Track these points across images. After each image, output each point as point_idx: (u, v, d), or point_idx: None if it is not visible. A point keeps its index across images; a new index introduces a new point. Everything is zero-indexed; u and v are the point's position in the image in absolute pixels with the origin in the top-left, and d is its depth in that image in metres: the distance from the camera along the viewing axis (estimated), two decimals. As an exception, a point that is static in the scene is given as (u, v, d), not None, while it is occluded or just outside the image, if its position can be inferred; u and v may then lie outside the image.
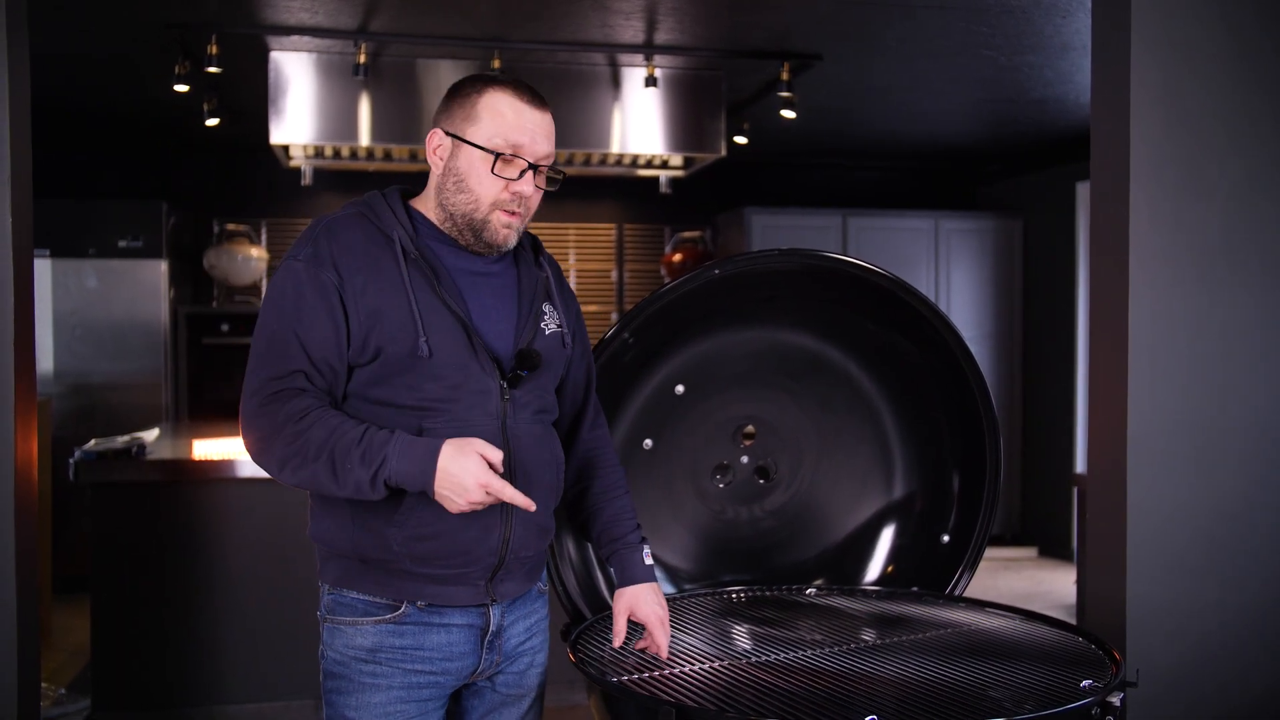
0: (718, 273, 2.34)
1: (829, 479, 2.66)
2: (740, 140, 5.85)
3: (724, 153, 5.28)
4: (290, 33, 4.50)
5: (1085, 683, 1.84)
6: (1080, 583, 4.52)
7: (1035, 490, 7.37)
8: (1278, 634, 2.65)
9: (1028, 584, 6.46)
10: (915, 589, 2.57)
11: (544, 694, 2.05)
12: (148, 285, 6.27)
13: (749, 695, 1.83)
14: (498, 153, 1.83)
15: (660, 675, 1.93)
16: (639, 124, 5.13)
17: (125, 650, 3.98)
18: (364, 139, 4.85)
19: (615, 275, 7.54)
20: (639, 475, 2.50)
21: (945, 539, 2.63)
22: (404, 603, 1.84)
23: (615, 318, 7.49)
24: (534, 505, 1.75)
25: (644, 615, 2.00)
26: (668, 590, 2.55)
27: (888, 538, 2.69)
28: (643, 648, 2.03)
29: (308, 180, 5.31)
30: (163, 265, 6.29)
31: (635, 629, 2.04)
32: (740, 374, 2.58)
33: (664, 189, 5.69)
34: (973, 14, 4.21)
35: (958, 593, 2.58)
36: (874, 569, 2.69)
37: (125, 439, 4.24)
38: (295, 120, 4.80)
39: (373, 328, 1.79)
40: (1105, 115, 2.61)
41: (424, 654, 1.85)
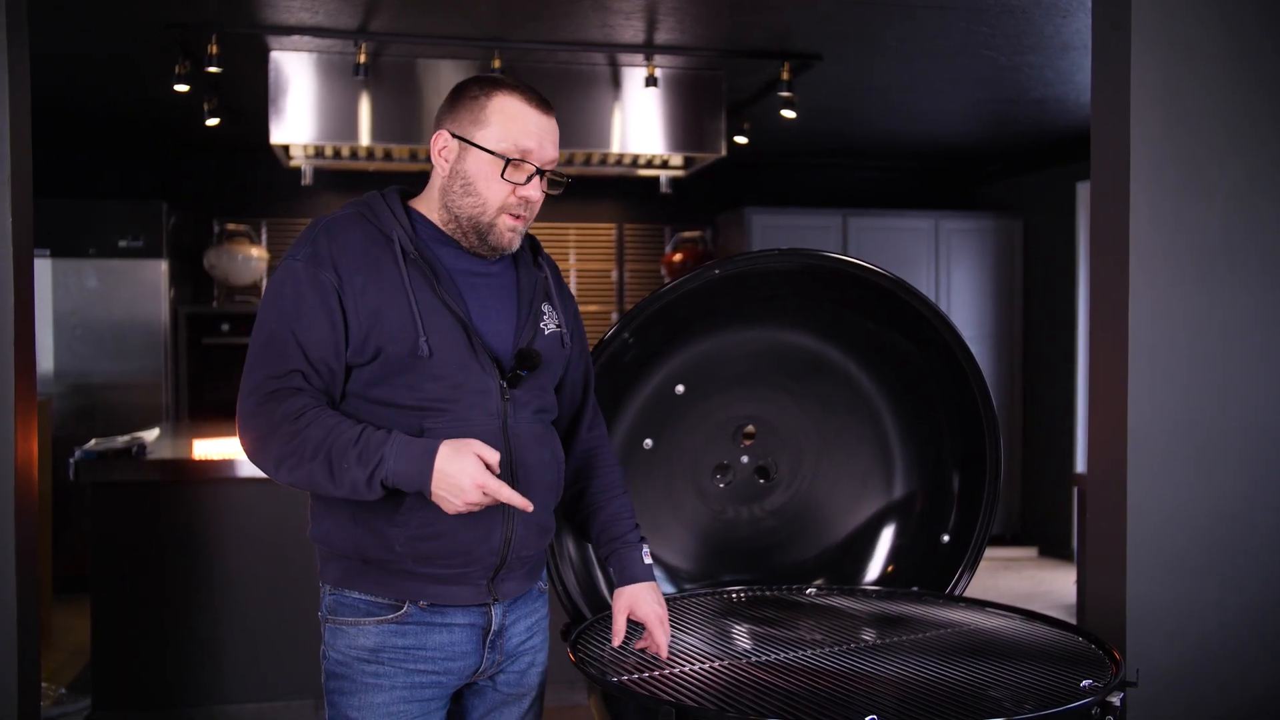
0: (718, 273, 2.34)
1: (829, 479, 2.66)
2: (740, 140, 5.85)
3: (724, 153, 5.27)
4: (290, 32, 4.50)
5: (1085, 683, 1.84)
6: (1080, 583, 4.52)
7: (1035, 490, 7.37)
8: (1278, 634, 2.65)
9: (1028, 584, 6.46)
10: (915, 589, 2.57)
11: (544, 693, 2.05)
12: (148, 285, 6.27)
13: (749, 695, 1.83)
14: (508, 158, 1.83)
15: (660, 675, 1.93)
16: (639, 124, 5.13)
17: (125, 650, 3.98)
18: (364, 139, 4.85)
19: (615, 275, 7.54)
20: (639, 475, 2.50)
21: (945, 539, 2.63)
22: (406, 603, 1.84)
23: (615, 318, 7.49)
24: (531, 506, 1.75)
25: (643, 614, 2.00)
26: (667, 590, 2.55)
27: (888, 538, 2.69)
28: (642, 647, 2.03)
29: (308, 180, 5.31)
30: (163, 265, 6.29)
31: (635, 628, 2.04)
32: (740, 374, 2.58)
33: (664, 189, 5.69)
34: (973, 14, 4.21)
35: (958, 593, 2.58)
36: (874, 569, 2.69)
37: (125, 439, 4.24)
38: (295, 120, 4.80)
39: (373, 328, 1.79)
40: (1105, 115, 2.61)
41: (426, 654, 1.86)
